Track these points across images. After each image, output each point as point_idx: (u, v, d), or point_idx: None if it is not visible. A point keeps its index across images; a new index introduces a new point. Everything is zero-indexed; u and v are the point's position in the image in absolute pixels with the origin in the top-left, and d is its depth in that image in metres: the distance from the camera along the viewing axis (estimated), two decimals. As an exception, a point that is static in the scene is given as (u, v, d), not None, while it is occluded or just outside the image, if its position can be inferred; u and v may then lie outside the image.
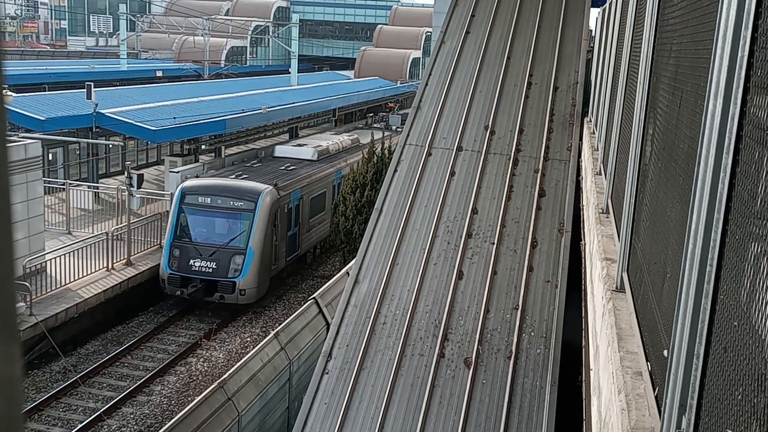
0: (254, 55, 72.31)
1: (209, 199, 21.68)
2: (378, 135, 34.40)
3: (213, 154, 33.99)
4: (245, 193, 21.87)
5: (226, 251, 21.18)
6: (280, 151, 28.55)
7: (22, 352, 0.59)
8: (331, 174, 27.81)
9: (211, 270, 21.07)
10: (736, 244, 2.04)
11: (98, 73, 47.76)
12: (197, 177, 23.89)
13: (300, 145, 29.31)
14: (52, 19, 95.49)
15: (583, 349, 7.93)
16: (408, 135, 14.68)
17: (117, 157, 34.76)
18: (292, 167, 25.57)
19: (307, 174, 25.58)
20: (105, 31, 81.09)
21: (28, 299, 17.69)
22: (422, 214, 12.89)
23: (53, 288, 19.31)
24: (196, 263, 21.02)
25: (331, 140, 31.03)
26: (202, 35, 54.45)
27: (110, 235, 21.38)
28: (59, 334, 17.58)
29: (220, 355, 18.93)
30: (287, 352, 14.51)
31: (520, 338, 10.54)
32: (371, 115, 50.22)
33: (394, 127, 39.67)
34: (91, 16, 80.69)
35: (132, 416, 16.04)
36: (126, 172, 25.81)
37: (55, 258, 19.85)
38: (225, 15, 72.84)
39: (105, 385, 17.33)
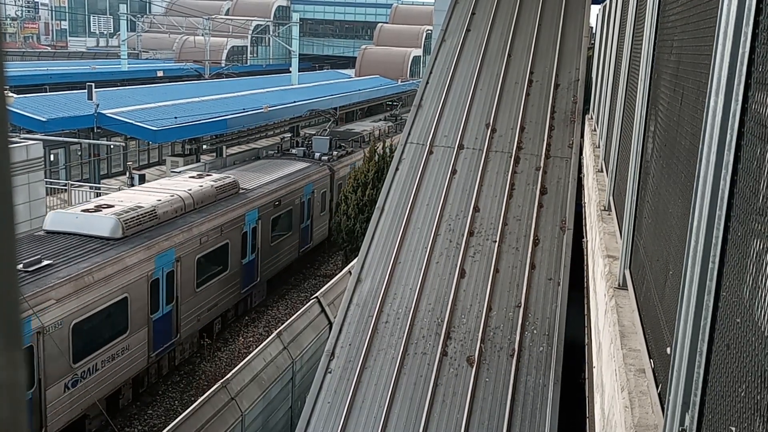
0: (255, 55, 72.30)
1: None
2: (290, 168, 24.70)
3: (214, 154, 34.01)
4: None
5: None
6: (57, 221, 15.86)
7: (25, 357, 0.59)
8: (145, 262, 15.61)
9: None
10: (738, 240, 2.04)
11: (99, 73, 47.82)
12: None
13: (97, 209, 16.30)
14: (52, 19, 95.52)
15: (586, 347, 7.93)
16: (409, 133, 14.68)
17: (118, 158, 34.83)
18: (41, 265, 13.71)
19: (75, 273, 13.83)
20: (105, 32, 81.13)
21: (31, 300, 17.64)
22: (424, 212, 12.89)
23: (56, 289, 19.19)
24: None
25: (169, 193, 18.21)
26: (202, 35, 54.45)
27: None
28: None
29: (223, 355, 18.96)
30: (290, 351, 14.52)
31: (522, 336, 10.54)
32: (288, 136, 36.43)
33: (318, 155, 27.46)
34: (91, 17, 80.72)
35: (136, 416, 16.07)
36: (128, 173, 25.88)
37: (57, 259, 19.82)
38: (225, 15, 72.84)
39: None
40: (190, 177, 20.72)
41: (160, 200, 17.57)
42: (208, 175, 21.28)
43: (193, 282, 17.69)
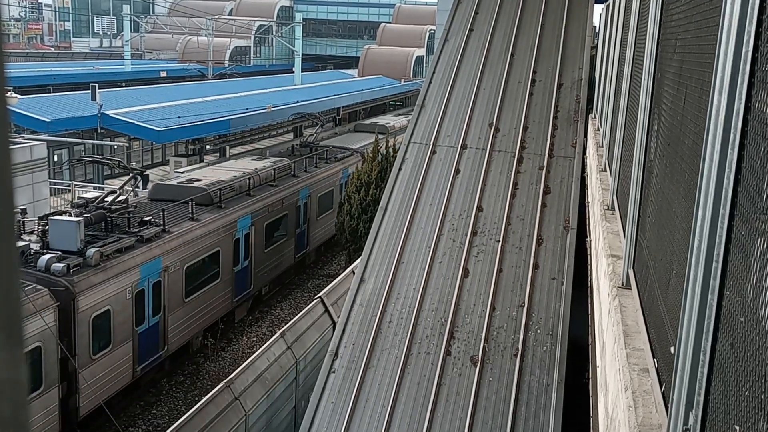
0: (258, 55, 72.32)
1: None
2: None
3: (217, 154, 34.04)
4: None
5: None
6: None
7: (26, 356, 0.59)
8: None
9: None
10: (741, 239, 2.03)
11: (102, 74, 47.87)
12: None
13: None
14: (56, 20, 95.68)
15: (590, 346, 7.92)
16: (412, 133, 14.67)
17: (122, 158, 34.85)
18: None
19: None
20: (109, 33, 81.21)
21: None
22: (427, 212, 12.88)
23: (60, 289, 19.18)
24: None
25: None
26: (205, 35, 54.53)
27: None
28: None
29: (227, 355, 18.97)
30: (293, 351, 14.52)
31: (526, 336, 10.53)
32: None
33: (46, 261, 13.56)
34: (94, 18, 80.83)
35: (140, 416, 16.09)
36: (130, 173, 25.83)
37: (61, 259, 19.82)
38: (228, 15, 72.87)
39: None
40: None
41: None
42: None
43: None
